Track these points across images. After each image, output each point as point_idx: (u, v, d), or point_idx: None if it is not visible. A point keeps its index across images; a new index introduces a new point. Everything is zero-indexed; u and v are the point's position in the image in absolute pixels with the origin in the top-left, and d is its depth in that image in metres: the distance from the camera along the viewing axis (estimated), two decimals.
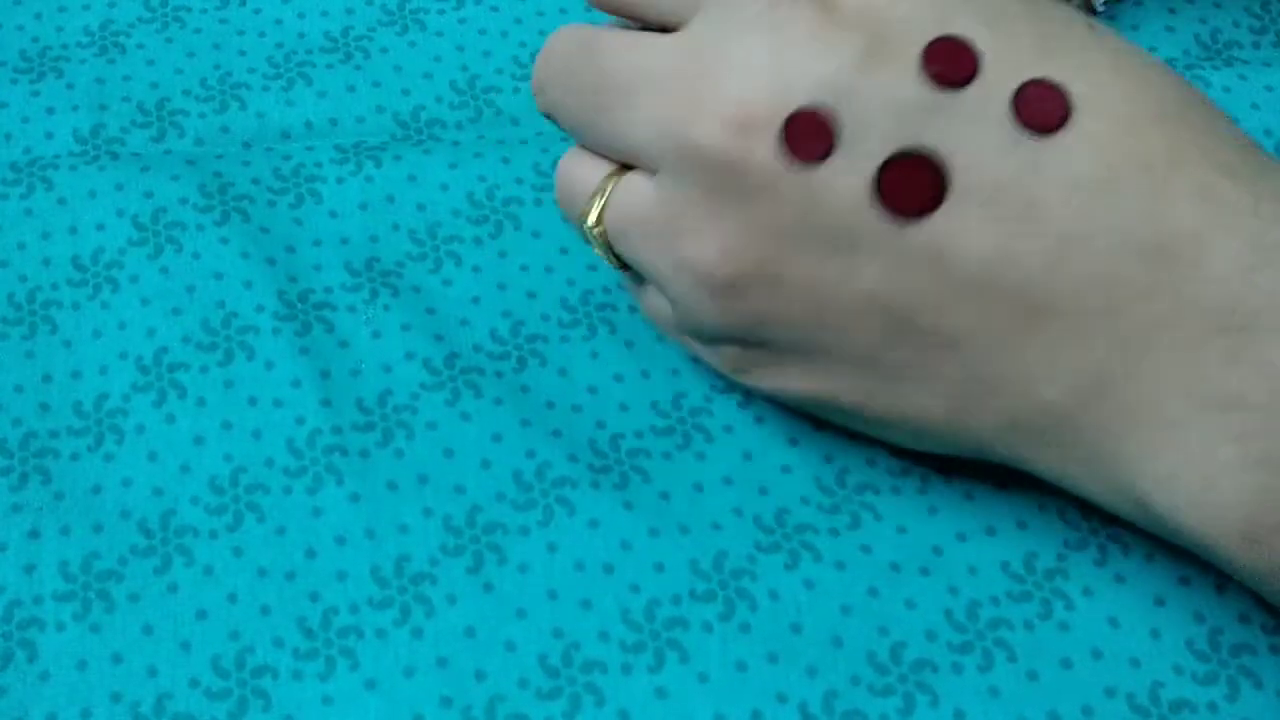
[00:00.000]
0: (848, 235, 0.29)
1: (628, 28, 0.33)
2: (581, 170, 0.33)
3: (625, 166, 0.33)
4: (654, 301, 0.34)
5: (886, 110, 0.29)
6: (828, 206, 0.29)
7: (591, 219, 0.33)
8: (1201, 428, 0.28)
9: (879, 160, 0.29)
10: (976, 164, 0.28)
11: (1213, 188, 0.28)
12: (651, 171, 0.31)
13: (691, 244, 0.31)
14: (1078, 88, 0.29)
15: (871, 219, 0.29)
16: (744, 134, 0.29)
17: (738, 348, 0.33)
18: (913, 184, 0.29)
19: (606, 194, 0.33)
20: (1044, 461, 0.31)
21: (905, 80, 0.29)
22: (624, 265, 0.34)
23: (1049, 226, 0.28)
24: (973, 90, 0.29)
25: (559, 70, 0.33)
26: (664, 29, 0.32)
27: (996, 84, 0.29)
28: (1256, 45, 0.43)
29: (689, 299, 0.31)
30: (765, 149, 0.29)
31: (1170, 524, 0.29)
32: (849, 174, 0.29)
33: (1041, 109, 0.28)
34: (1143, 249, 0.28)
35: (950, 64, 0.29)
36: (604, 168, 0.33)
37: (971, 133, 0.28)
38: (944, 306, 0.29)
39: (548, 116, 0.34)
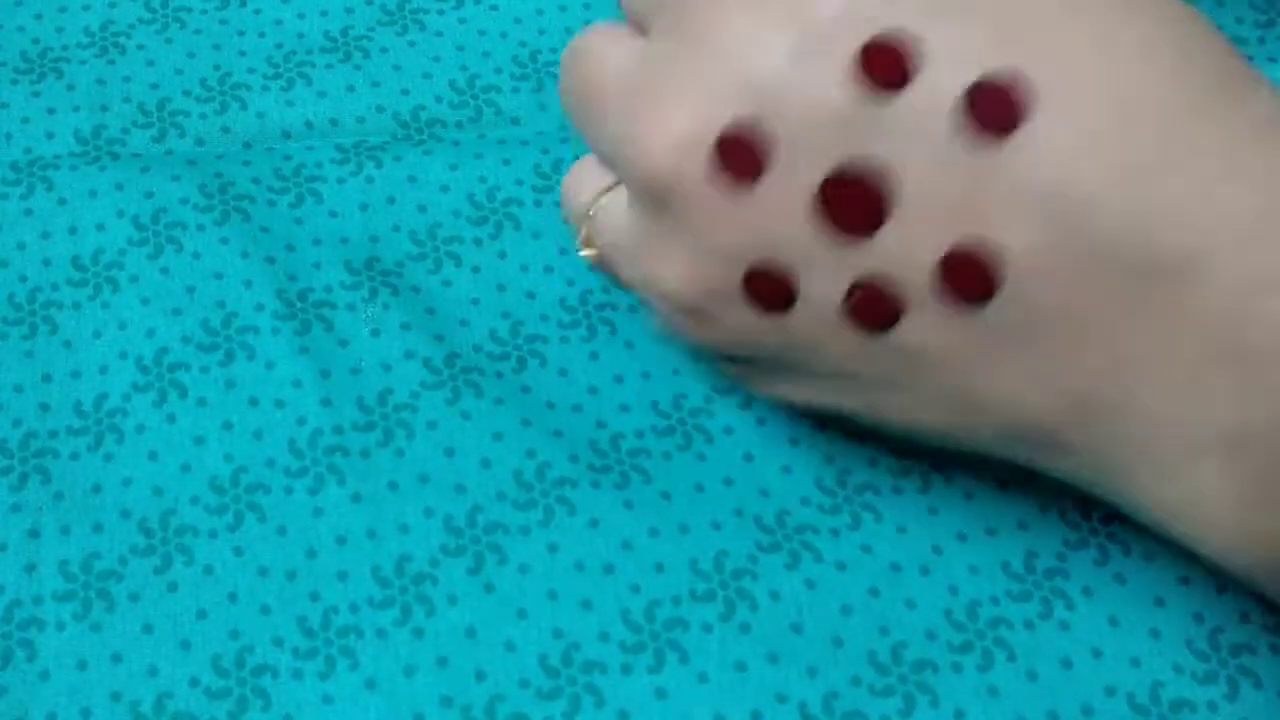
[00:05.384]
0: (798, 254, 0.27)
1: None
2: (578, 184, 0.33)
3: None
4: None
5: (820, 121, 0.26)
6: (770, 227, 0.27)
7: (580, 239, 0.32)
8: (1204, 466, 0.26)
9: (818, 177, 0.26)
10: (921, 177, 0.26)
11: (1216, 198, 0.24)
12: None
13: (657, 267, 0.29)
14: (1043, 76, 0.25)
15: (818, 237, 0.27)
16: (677, 157, 0.27)
17: (729, 363, 0.32)
18: (854, 201, 0.26)
19: (593, 215, 0.32)
20: (1052, 468, 0.29)
21: (838, 87, 0.26)
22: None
23: (1010, 239, 0.25)
24: (914, 93, 0.26)
25: (561, 77, 0.32)
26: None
27: (942, 84, 0.26)
28: (1262, 40, 0.42)
29: (668, 323, 0.31)
30: (699, 171, 0.27)
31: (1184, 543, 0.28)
32: (788, 192, 0.27)
33: (994, 109, 0.25)
34: (1128, 267, 0.25)
35: (885, 66, 0.26)
36: (597, 184, 0.32)
37: (914, 143, 0.26)
38: (903, 327, 0.27)
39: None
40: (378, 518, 0.34)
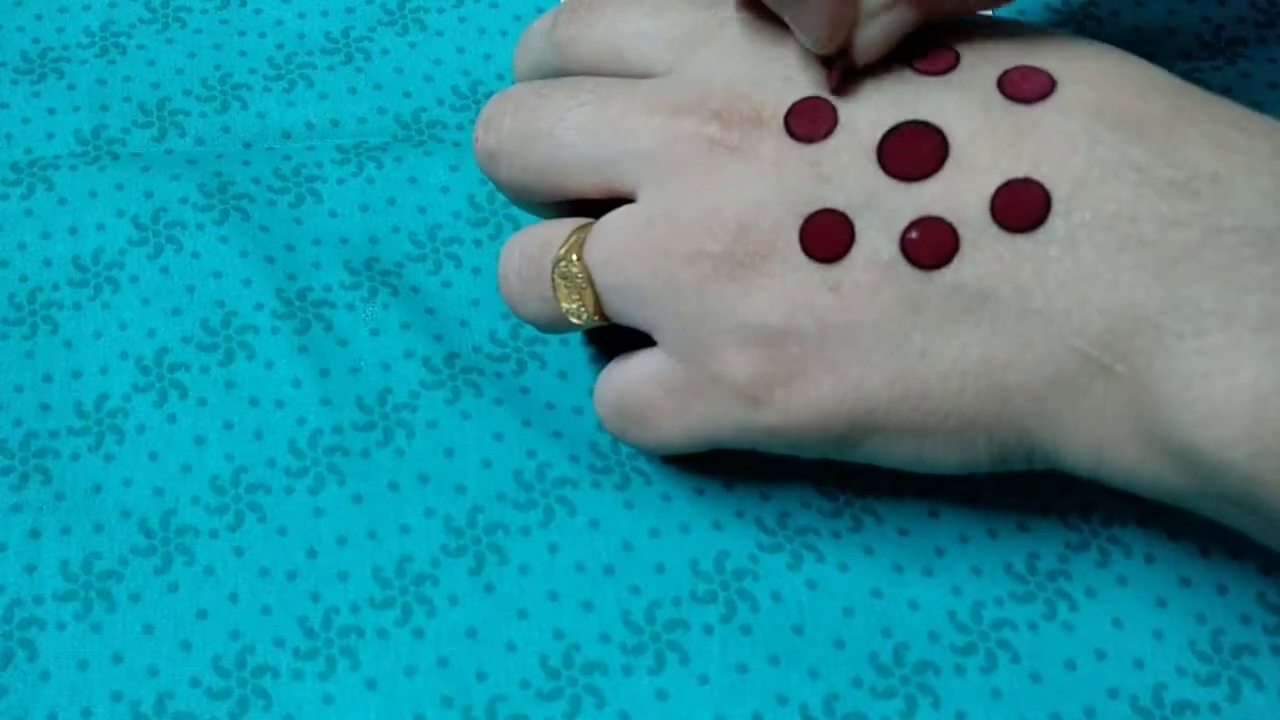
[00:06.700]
0: (858, 199, 0.30)
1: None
2: (539, 233, 0.33)
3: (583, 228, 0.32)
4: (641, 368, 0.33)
5: (878, 92, 0.30)
6: (836, 178, 0.30)
7: (562, 251, 0.32)
8: (1251, 353, 0.26)
9: (879, 131, 0.30)
10: (971, 129, 0.29)
11: (1225, 137, 0.28)
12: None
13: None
14: (1059, 69, 0.30)
15: (877, 182, 0.29)
16: (751, 124, 0.31)
17: (761, 354, 0.31)
18: (914, 149, 0.29)
19: (580, 239, 0.32)
20: (1082, 427, 0.29)
21: (891, 71, 0.30)
22: (600, 315, 0.32)
23: (1058, 172, 0.28)
24: (956, 75, 0.30)
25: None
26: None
27: (978, 71, 0.30)
28: (1263, 40, 0.42)
29: (713, 295, 0.31)
30: (773, 132, 0.30)
31: (1216, 466, 0.27)
32: (852, 146, 0.30)
33: (1025, 85, 0.29)
34: (1162, 185, 0.28)
35: (932, 60, 0.30)
36: (564, 226, 0.33)
37: (962, 104, 0.30)
38: (960, 262, 0.29)
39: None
40: (378, 518, 0.34)
